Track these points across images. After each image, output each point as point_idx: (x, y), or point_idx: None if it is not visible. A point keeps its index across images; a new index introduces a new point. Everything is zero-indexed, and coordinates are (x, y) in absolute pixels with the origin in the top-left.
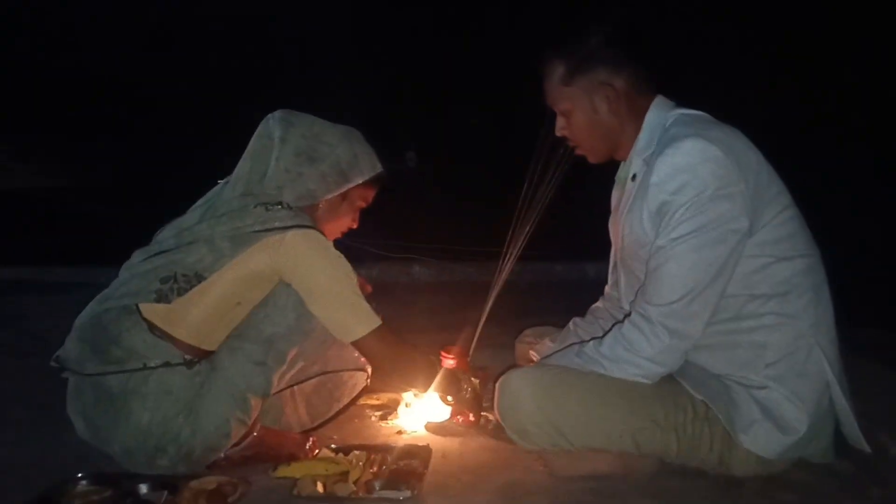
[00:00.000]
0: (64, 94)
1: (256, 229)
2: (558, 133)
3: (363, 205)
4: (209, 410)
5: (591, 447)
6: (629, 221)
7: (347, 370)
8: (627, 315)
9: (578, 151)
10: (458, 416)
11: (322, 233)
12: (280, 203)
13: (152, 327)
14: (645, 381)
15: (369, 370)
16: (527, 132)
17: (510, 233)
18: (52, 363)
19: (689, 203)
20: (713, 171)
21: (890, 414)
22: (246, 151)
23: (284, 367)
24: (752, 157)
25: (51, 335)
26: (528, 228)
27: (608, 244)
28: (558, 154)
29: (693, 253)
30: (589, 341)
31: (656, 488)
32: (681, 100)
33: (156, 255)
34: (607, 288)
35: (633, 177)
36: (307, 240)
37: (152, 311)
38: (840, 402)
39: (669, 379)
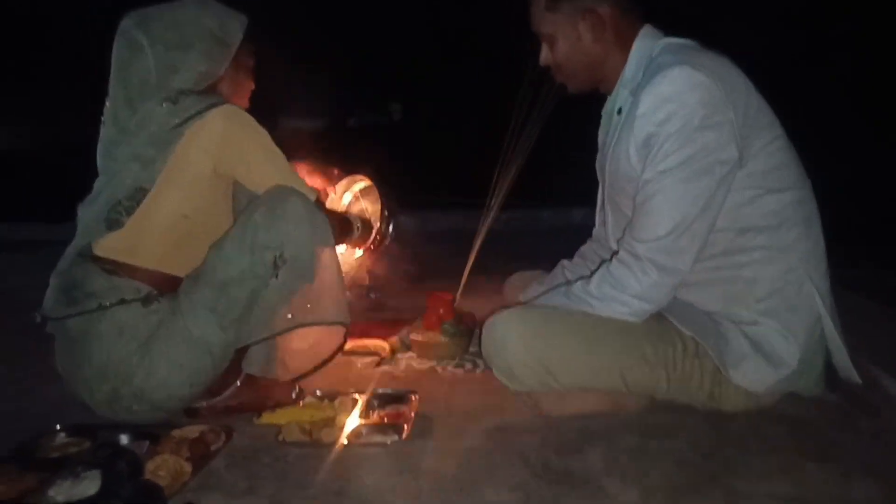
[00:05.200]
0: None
1: (174, 125)
2: (542, 62)
3: (252, 62)
4: (163, 353)
5: (580, 386)
6: (616, 156)
7: (326, 323)
8: (615, 253)
9: (559, 79)
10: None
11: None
12: (183, 92)
13: (111, 265)
14: (633, 318)
15: (348, 322)
16: (512, 81)
17: (494, 180)
18: (36, 316)
19: (677, 133)
20: (701, 99)
21: (878, 346)
22: (113, 73)
23: (236, 315)
24: (742, 84)
25: (24, 293)
26: (512, 175)
27: (595, 187)
28: (542, 97)
29: (680, 185)
30: (576, 281)
31: (646, 425)
32: (670, 29)
33: (96, 197)
34: (595, 228)
35: (620, 110)
36: (228, 116)
37: (109, 245)
38: (831, 334)
39: (658, 316)
